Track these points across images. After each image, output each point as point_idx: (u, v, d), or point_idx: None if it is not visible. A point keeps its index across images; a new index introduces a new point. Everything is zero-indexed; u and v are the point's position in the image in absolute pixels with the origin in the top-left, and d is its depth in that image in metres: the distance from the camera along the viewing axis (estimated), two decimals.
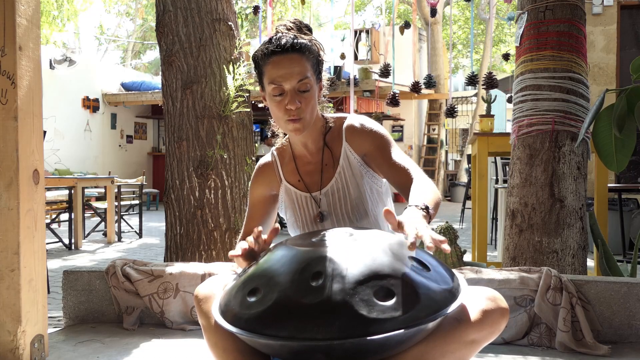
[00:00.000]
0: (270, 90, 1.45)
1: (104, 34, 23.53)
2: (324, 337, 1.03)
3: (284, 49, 1.43)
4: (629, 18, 6.32)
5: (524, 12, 2.58)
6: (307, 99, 1.46)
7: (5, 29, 1.79)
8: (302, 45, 1.45)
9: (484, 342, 1.25)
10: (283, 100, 1.44)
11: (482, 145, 3.63)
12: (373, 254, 1.15)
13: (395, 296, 1.07)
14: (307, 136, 1.55)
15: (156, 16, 3.14)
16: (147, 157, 13.08)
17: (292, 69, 1.43)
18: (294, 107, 1.43)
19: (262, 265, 1.22)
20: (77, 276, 2.35)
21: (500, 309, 1.25)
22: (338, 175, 1.55)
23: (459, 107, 15.14)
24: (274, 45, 1.44)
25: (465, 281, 1.25)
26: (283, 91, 1.44)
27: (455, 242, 3.08)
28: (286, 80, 1.42)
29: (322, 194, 1.57)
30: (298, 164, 1.61)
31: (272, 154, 1.67)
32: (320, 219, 1.56)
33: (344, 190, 1.55)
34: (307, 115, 1.46)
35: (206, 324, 1.31)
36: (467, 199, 7.87)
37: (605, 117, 2.23)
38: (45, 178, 2.77)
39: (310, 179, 1.59)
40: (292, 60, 1.43)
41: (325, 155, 1.58)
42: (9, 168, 1.80)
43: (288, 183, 1.62)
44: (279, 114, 1.47)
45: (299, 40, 1.45)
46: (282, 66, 1.43)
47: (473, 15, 4.90)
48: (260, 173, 1.67)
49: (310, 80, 1.45)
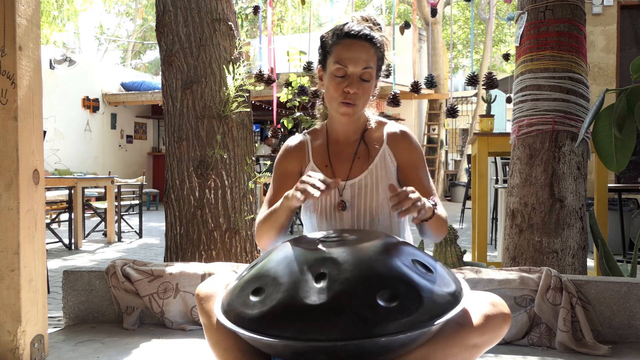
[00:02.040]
0: (333, 69, 1.49)
1: (104, 34, 23.54)
2: (328, 339, 1.03)
3: (358, 35, 1.48)
4: (629, 18, 6.32)
5: (524, 12, 2.58)
6: (365, 89, 1.50)
7: (5, 29, 1.79)
8: (375, 38, 1.50)
9: (486, 347, 1.25)
10: (343, 82, 1.48)
11: (482, 145, 3.63)
12: (377, 257, 1.16)
13: (398, 299, 1.07)
14: (351, 124, 1.59)
15: (156, 16, 3.14)
16: (147, 157, 13.08)
17: (361, 55, 1.47)
18: (352, 90, 1.47)
19: (266, 266, 1.22)
20: (77, 276, 2.35)
21: (503, 315, 1.25)
22: (369, 172, 1.57)
23: (459, 107, 15.14)
24: (349, 28, 1.49)
25: (468, 286, 1.26)
26: (346, 74, 1.48)
27: (455, 242, 3.08)
28: (352, 64, 1.47)
29: (348, 184, 1.57)
30: (330, 149, 1.62)
31: (304, 135, 1.69)
32: (342, 208, 1.56)
33: (373, 187, 1.56)
34: (360, 103, 1.51)
35: (207, 322, 1.31)
36: (467, 199, 7.88)
37: (605, 117, 2.23)
38: (45, 178, 2.78)
39: (339, 167, 1.60)
40: (363, 47, 1.48)
41: (360, 148, 1.60)
42: (9, 168, 1.80)
43: (315, 165, 1.62)
44: (335, 94, 1.50)
45: (372, 32, 1.50)
46: (352, 50, 1.47)
47: (473, 15, 4.90)
48: (291, 150, 1.66)
49: (372, 71, 1.50)
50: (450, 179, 14.65)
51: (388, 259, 1.15)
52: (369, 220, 1.55)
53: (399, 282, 1.10)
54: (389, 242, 1.24)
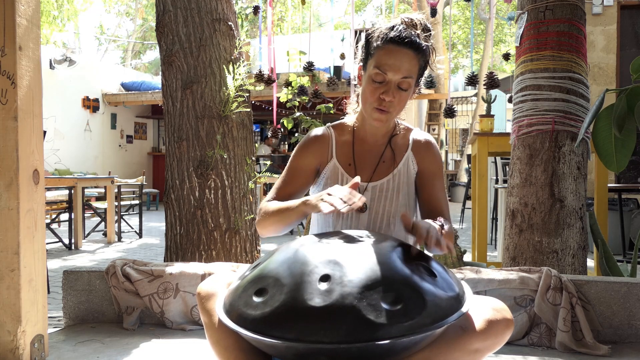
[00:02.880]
0: (372, 73, 1.45)
1: (104, 34, 23.54)
2: (331, 341, 1.03)
3: (403, 42, 1.43)
4: (629, 18, 6.32)
5: (524, 12, 2.58)
6: (402, 97, 1.47)
7: (5, 29, 1.79)
8: (420, 46, 1.45)
9: (488, 352, 1.25)
10: (380, 88, 1.45)
11: (482, 145, 3.63)
12: (382, 259, 1.16)
13: (402, 302, 1.07)
14: (382, 128, 1.57)
15: (156, 16, 3.14)
16: (147, 157, 13.07)
17: (402, 63, 1.43)
18: (388, 98, 1.44)
19: (269, 266, 1.22)
20: (77, 276, 2.35)
21: (506, 320, 1.25)
22: (392, 177, 1.57)
23: (458, 107, 15.14)
24: (395, 33, 1.44)
25: (471, 289, 1.26)
26: (384, 80, 1.45)
27: (455, 242, 3.08)
28: (392, 71, 1.43)
29: (370, 186, 1.56)
30: (356, 148, 1.60)
31: (328, 128, 1.64)
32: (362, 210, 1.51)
33: (394, 192, 1.56)
34: (395, 111, 1.48)
35: (208, 321, 1.31)
36: (467, 199, 7.88)
37: (605, 117, 2.23)
38: (45, 178, 2.77)
39: (362, 168, 1.58)
40: (406, 55, 1.44)
41: (386, 152, 1.59)
42: (9, 168, 1.80)
43: (338, 162, 1.60)
44: (370, 99, 1.47)
45: (418, 40, 1.45)
46: (394, 57, 1.43)
47: (473, 15, 4.90)
48: (313, 142, 1.62)
49: (412, 80, 1.46)
50: (450, 179, 14.64)
51: (392, 262, 1.15)
52: (386, 224, 1.55)
53: (403, 286, 1.10)
54: (394, 245, 1.24)
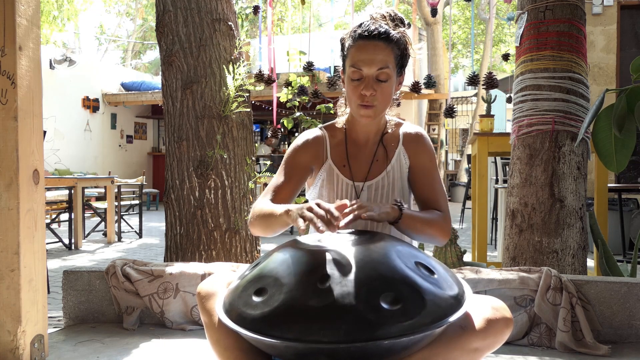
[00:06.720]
0: (349, 73, 1.46)
1: (104, 34, 23.54)
2: (330, 340, 1.03)
3: (371, 35, 1.43)
4: (629, 18, 6.31)
5: (524, 12, 2.58)
6: (384, 89, 1.46)
7: (5, 29, 1.79)
8: (390, 35, 1.45)
9: (487, 351, 1.25)
10: (360, 85, 1.45)
11: (482, 145, 3.63)
12: (381, 259, 1.16)
13: (402, 302, 1.07)
14: (372, 126, 1.57)
15: (156, 16, 3.14)
16: (147, 157, 13.07)
17: (375, 56, 1.43)
18: (368, 93, 1.44)
19: (269, 266, 1.22)
20: (77, 276, 2.35)
21: (505, 319, 1.26)
22: (386, 174, 1.57)
23: (458, 107, 15.13)
24: (362, 29, 1.45)
25: (470, 289, 1.26)
26: (361, 76, 1.45)
27: (455, 242, 3.08)
28: (366, 66, 1.43)
29: (365, 185, 1.57)
30: (349, 149, 1.61)
31: (321, 130, 1.65)
32: None
33: (389, 188, 1.57)
34: (380, 104, 1.48)
35: (208, 321, 1.31)
36: (467, 199, 7.88)
37: (605, 117, 2.23)
38: (45, 178, 2.78)
39: (357, 168, 1.59)
40: (377, 47, 1.43)
41: (378, 150, 1.59)
42: (9, 168, 1.80)
43: (333, 164, 1.60)
44: (353, 97, 1.48)
45: (387, 30, 1.45)
46: (366, 51, 1.44)
47: (473, 15, 4.90)
48: (309, 143, 1.62)
49: (389, 70, 1.45)
50: (450, 179, 14.64)
51: (391, 262, 1.15)
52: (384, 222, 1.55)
53: (402, 285, 1.10)
54: (393, 244, 1.23)
